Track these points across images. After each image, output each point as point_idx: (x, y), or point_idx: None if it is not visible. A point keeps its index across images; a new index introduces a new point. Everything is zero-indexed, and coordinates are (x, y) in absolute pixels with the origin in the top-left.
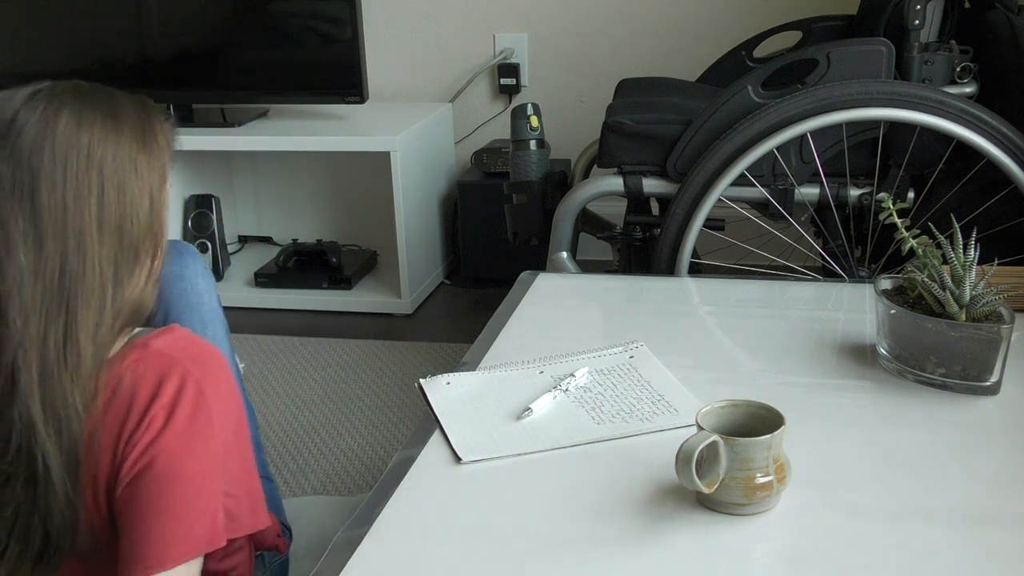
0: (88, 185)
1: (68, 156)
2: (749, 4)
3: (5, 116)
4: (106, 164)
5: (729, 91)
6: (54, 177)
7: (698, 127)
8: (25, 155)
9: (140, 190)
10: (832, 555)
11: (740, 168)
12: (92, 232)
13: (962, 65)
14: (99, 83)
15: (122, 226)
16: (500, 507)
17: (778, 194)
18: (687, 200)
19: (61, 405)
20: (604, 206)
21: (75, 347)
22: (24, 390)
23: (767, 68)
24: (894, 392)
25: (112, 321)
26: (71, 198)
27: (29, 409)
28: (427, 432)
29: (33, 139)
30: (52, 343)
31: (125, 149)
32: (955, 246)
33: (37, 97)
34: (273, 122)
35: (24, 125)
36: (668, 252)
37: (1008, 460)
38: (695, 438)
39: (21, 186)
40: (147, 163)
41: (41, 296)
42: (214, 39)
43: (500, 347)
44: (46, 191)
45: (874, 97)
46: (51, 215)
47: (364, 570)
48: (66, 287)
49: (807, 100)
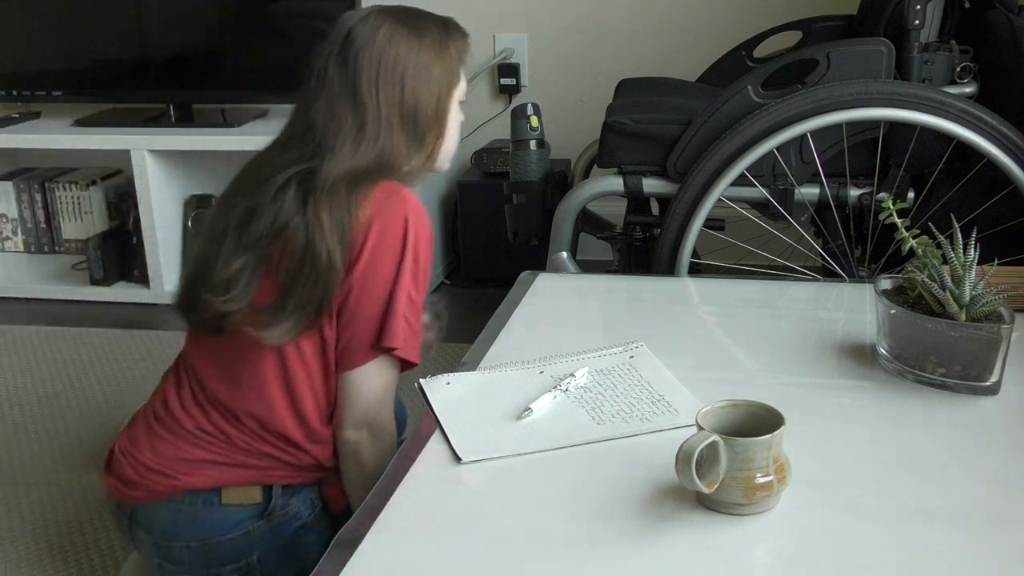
0: (392, 84)
1: (381, 62)
2: (749, 4)
3: (343, 31)
4: (407, 69)
5: (729, 91)
6: (370, 77)
7: (698, 127)
8: (352, 60)
9: (430, 92)
10: (832, 555)
11: (740, 168)
12: (395, 119)
13: (962, 65)
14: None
15: (416, 117)
16: (500, 507)
17: (778, 194)
18: (687, 200)
19: (344, 215)
20: (603, 206)
21: (365, 189)
22: (318, 203)
23: (767, 68)
24: (894, 392)
25: (393, 176)
26: (380, 94)
27: (320, 215)
28: (427, 432)
29: (359, 48)
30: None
31: (424, 58)
32: (955, 246)
33: (368, 17)
34: (273, 122)
35: (355, 38)
36: (668, 252)
37: (1008, 460)
38: (695, 438)
39: (346, 84)
40: (439, 71)
41: (356, 161)
42: (214, 39)
43: (500, 347)
44: (365, 88)
45: (875, 97)
46: (368, 106)
47: (364, 570)
48: (372, 158)
49: (807, 100)
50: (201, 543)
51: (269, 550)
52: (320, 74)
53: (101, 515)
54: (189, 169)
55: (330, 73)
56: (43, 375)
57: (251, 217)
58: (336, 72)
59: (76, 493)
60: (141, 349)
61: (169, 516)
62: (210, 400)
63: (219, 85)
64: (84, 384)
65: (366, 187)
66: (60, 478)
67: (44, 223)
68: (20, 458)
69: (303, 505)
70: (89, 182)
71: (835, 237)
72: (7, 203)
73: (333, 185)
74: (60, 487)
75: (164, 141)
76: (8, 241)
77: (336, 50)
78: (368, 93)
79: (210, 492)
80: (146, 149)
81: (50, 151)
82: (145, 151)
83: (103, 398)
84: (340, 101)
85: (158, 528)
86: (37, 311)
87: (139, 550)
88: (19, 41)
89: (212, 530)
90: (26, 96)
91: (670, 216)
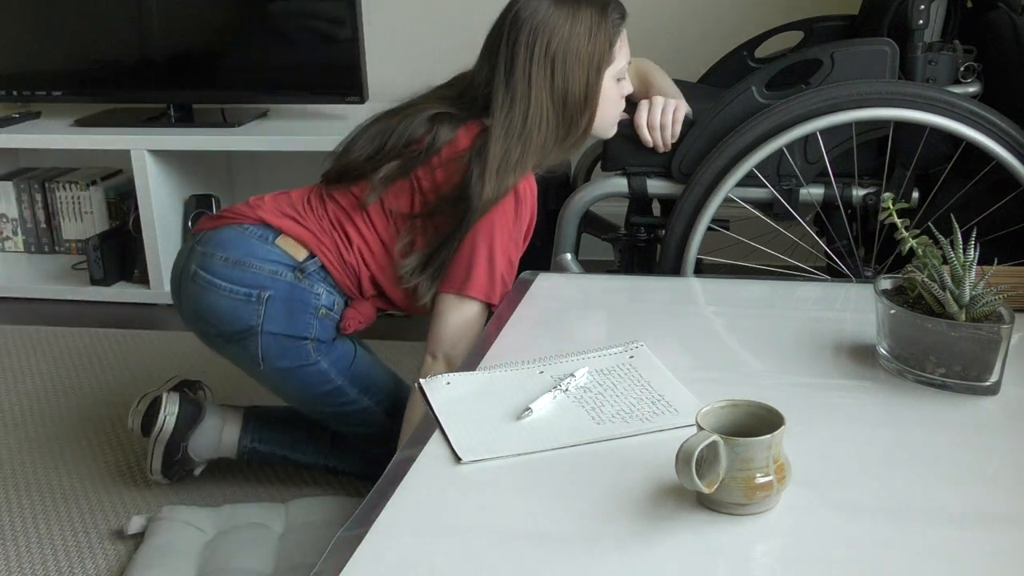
0: (544, 65)
1: (536, 43)
2: (750, 4)
3: (510, 10)
4: (558, 53)
5: (733, 92)
6: (524, 55)
7: (703, 128)
8: (511, 38)
9: (580, 75)
10: (832, 555)
11: (746, 168)
12: (544, 99)
13: (966, 65)
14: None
15: (566, 99)
16: (500, 507)
17: (783, 194)
18: (693, 200)
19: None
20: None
21: (503, 157)
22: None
23: (771, 68)
24: (894, 392)
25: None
26: (533, 75)
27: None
28: (427, 432)
29: (519, 28)
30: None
31: (575, 42)
32: (955, 246)
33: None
34: (273, 122)
35: (517, 16)
36: (674, 252)
37: (1008, 460)
38: (695, 438)
39: (506, 59)
40: (588, 54)
41: (507, 132)
42: (214, 39)
43: (500, 347)
44: (520, 67)
45: (882, 97)
46: (520, 84)
47: (364, 570)
48: (520, 131)
49: (813, 100)
50: (237, 261)
51: (282, 298)
52: (487, 51)
53: (103, 515)
54: (189, 169)
55: (494, 50)
56: (43, 375)
57: (404, 131)
58: (501, 50)
59: (77, 493)
60: (141, 349)
61: (229, 233)
62: (327, 196)
63: (219, 85)
64: (84, 384)
65: (504, 155)
66: (60, 478)
67: (44, 223)
68: (20, 458)
69: (326, 292)
70: (89, 182)
71: (840, 237)
72: (7, 203)
73: (483, 146)
74: (60, 487)
75: (164, 141)
76: (8, 241)
77: (503, 29)
78: (522, 75)
79: (271, 230)
80: (146, 149)
81: (50, 151)
82: (145, 151)
83: (103, 398)
84: (498, 77)
85: (214, 241)
86: (37, 311)
87: (182, 283)
88: (19, 41)
89: (252, 255)
90: (26, 96)
91: (676, 216)
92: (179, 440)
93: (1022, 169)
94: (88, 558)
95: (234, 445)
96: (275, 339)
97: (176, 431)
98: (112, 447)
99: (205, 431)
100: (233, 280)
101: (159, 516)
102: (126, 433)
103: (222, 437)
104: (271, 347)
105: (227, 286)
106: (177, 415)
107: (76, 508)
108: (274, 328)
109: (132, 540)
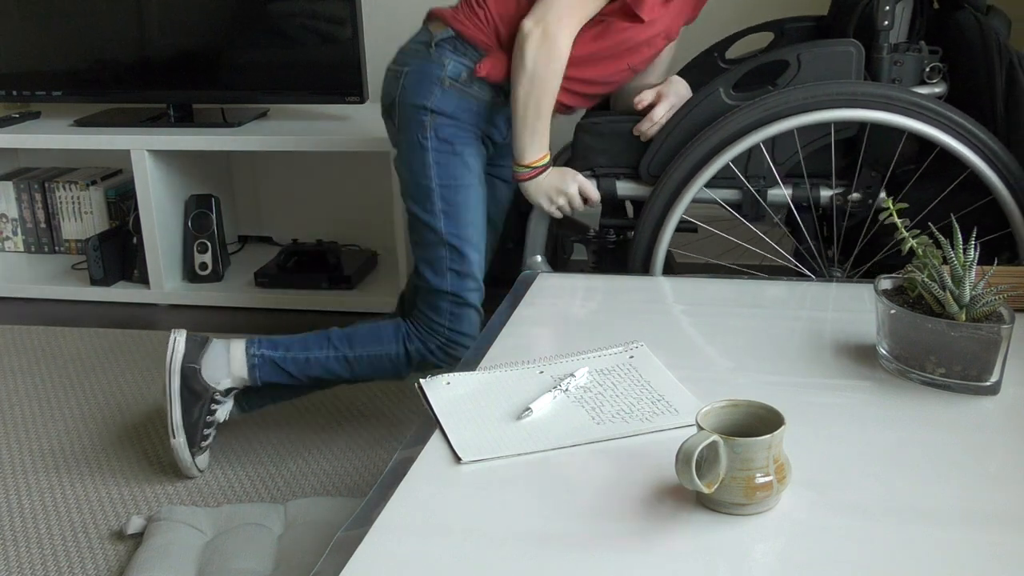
0: None
1: None
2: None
3: None
4: None
5: (701, 93)
6: None
7: (671, 129)
8: None
9: None
10: (832, 555)
11: (713, 170)
12: None
13: (931, 65)
14: (101, 83)
15: None
16: (500, 507)
17: (750, 196)
18: (661, 202)
19: None
20: None
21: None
22: None
23: (738, 70)
24: (894, 392)
25: None
26: None
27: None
28: (427, 432)
29: None
30: None
31: None
32: (955, 246)
33: None
34: (273, 122)
35: None
36: (642, 254)
37: (1008, 460)
38: (695, 438)
39: None
40: None
41: None
42: (214, 39)
43: (500, 347)
44: None
45: (846, 98)
46: None
47: (364, 570)
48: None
49: (777, 102)
50: (401, 48)
51: (415, 71)
52: None
53: (103, 516)
54: (189, 169)
55: None
56: (43, 375)
57: None
58: None
59: (76, 493)
60: (141, 349)
61: None
62: None
63: (219, 85)
64: (84, 384)
65: None
66: (60, 479)
67: (44, 223)
68: (20, 458)
69: (453, 63)
70: (89, 182)
71: (808, 237)
72: (7, 203)
73: None
74: (60, 487)
75: (164, 141)
76: (8, 241)
77: None
78: None
79: (434, 20)
80: (146, 149)
81: (50, 151)
82: (145, 151)
83: (103, 398)
84: None
85: None
86: (37, 311)
87: None
88: (19, 41)
89: (412, 39)
90: (26, 96)
91: (644, 218)
92: (192, 363)
93: (987, 169)
94: (88, 558)
95: (243, 358)
96: (404, 108)
97: (187, 354)
98: (112, 447)
99: (214, 349)
100: (395, 61)
101: (158, 516)
102: (126, 433)
103: (230, 351)
104: (402, 116)
105: (391, 67)
106: (186, 340)
107: (76, 508)
108: (405, 98)
109: (132, 540)
